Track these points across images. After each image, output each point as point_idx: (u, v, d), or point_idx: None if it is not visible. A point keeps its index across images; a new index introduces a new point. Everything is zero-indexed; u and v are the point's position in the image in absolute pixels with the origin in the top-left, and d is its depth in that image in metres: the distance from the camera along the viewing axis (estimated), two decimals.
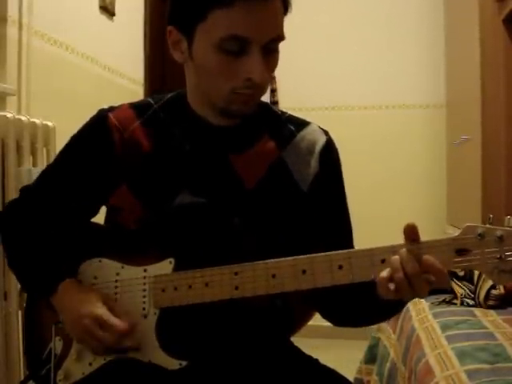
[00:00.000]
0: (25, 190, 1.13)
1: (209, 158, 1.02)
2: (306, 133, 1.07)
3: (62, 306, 1.00)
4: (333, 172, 1.08)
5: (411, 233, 0.84)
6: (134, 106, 1.07)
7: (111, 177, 1.04)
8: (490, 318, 1.80)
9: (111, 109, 1.07)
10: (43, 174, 1.12)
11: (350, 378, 1.10)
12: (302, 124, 1.09)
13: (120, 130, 1.03)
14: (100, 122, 1.05)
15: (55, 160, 1.12)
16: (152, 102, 1.07)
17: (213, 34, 0.90)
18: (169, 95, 1.08)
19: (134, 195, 1.02)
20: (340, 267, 0.87)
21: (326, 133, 1.09)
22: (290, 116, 1.11)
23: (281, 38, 0.94)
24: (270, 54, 0.94)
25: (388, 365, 1.94)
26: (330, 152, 1.07)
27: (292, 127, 1.08)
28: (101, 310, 0.94)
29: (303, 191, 1.04)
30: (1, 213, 1.17)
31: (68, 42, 2.22)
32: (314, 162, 1.05)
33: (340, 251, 0.88)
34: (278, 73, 1.11)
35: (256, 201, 1.01)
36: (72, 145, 1.09)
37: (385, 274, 0.83)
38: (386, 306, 0.92)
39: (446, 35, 3.41)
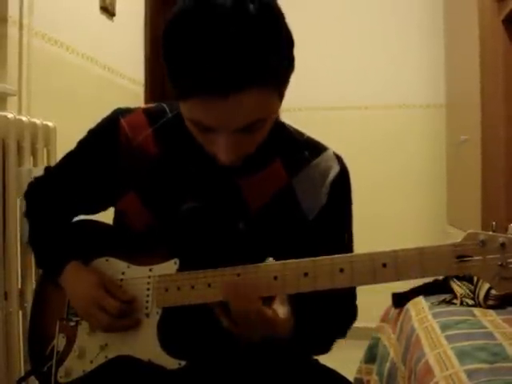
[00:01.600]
0: (47, 171, 1.17)
1: (215, 177, 1.01)
2: (320, 160, 1.05)
3: (67, 286, 1.04)
4: (341, 204, 1.06)
5: None
6: (148, 112, 1.06)
7: (117, 182, 1.04)
8: (489, 318, 1.81)
9: (126, 112, 1.06)
10: (63, 159, 1.14)
11: (350, 378, 1.10)
12: (319, 150, 1.06)
13: (129, 137, 1.03)
14: (111, 125, 1.05)
15: (74, 148, 1.12)
16: (167, 109, 1.06)
17: (184, 111, 0.88)
18: None
19: (141, 203, 1.03)
20: (341, 270, 0.87)
21: (339, 161, 1.07)
22: (308, 139, 1.08)
23: (261, 120, 0.86)
24: (249, 133, 0.87)
25: (388, 364, 1.94)
26: (341, 184, 1.06)
27: (307, 153, 1.05)
28: (95, 293, 0.98)
29: (308, 220, 1.03)
30: (28, 187, 1.19)
31: (68, 43, 2.22)
32: (323, 193, 1.03)
33: (342, 255, 0.88)
34: None
35: (258, 220, 1.01)
36: (85, 141, 1.10)
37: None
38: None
39: (445, 35, 3.41)
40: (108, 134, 1.04)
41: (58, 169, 1.15)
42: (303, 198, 1.02)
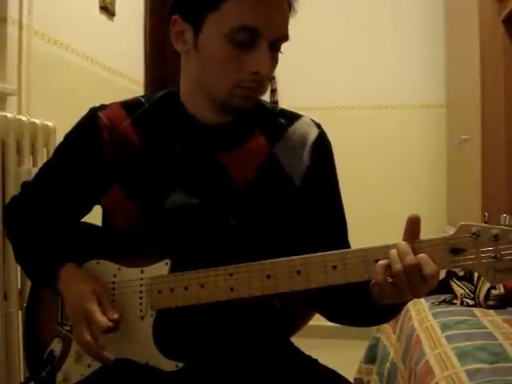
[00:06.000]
0: (24, 186, 1.16)
1: (199, 157, 1.02)
2: (297, 126, 1.06)
3: (63, 290, 1.00)
4: (325, 165, 1.07)
5: (413, 223, 0.83)
6: (125, 105, 1.07)
7: (102, 177, 1.04)
8: (489, 318, 1.80)
9: (102, 107, 1.07)
10: (40, 170, 1.14)
11: (350, 378, 1.10)
12: (294, 117, 1.08)
13: (110, 129, 1.04)
14: (91, 122, 1.05)
15: (50, 158, 1.13)
16: (143, 100, 1.08)
17: (224, 23, 0.91)
18: (159, 93, 1.08)
19: (126, 195, 1.02)
20: (334, 267, 0.87)
21: (318, 125, 1.08)
22: (282, 110, 1.10)
23: (287, 37, 0.96)
24: (274, 52, 0.96)
25: (388, 365, 1.94)
26: (321, 145, 1.06)
27: (283, 121, 1.07)
28: (87, 305, 0.94)
29: (296, 186, 1.03)
30: (5, 208, 1.19)
31: (68, 42, 2.22)
32: (305, 156, 1.04)
33: (334, 251, 0.88)
34: (278, 73, 1.12)
35: (248, 199, 1.01)
36: (64, 144, 1.10)
37: (383, 262, 0.83)
38: (381, 309, 0.92)
39: (445, 35, 3.41)
40: (90, 130, 1.05)
41: (39, 179, 1.13)
42: (286, 165, 1.03)
